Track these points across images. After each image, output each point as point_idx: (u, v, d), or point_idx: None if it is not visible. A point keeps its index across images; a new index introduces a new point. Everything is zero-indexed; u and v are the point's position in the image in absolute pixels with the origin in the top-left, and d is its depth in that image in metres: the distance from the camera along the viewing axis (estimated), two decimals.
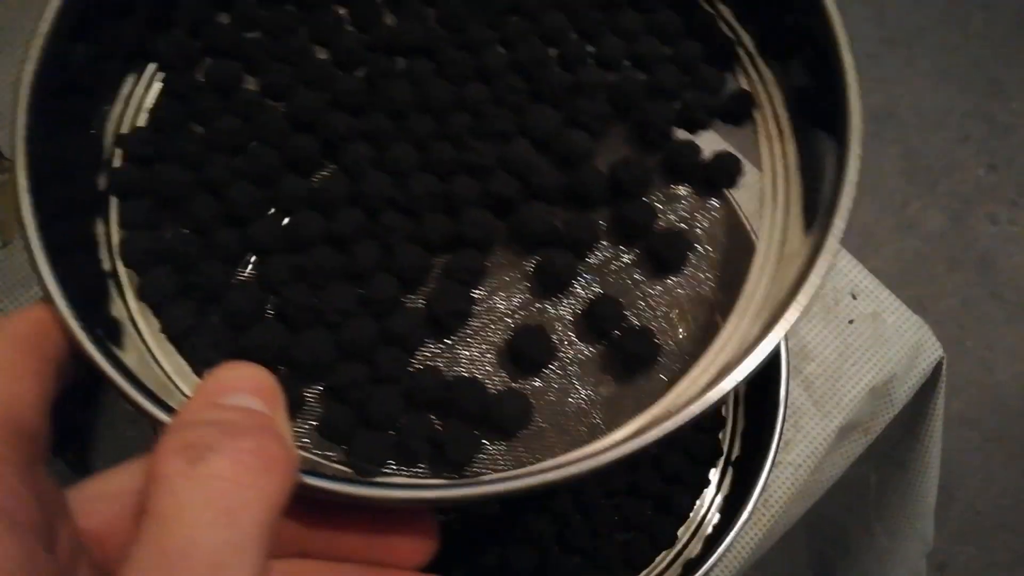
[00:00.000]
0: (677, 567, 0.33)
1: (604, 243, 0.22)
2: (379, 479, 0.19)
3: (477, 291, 0.21)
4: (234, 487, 0.15)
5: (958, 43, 1.42)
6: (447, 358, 0.20)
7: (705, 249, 0.22)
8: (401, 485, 0.18)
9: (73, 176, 0.21)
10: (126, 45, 0.22)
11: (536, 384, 0.20)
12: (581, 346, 0.21)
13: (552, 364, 0.20)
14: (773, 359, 0.34)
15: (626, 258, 0.21)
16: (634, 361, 0.20)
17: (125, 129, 0.22)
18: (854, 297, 0.42)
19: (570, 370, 0.20)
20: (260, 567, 0.14)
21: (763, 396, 0.35)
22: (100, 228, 0.21)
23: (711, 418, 0.36)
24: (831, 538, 0.54)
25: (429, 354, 0.20)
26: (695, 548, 0.34)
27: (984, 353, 1.18)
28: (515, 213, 0.21)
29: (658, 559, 0.33)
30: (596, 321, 0.20)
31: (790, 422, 0.40)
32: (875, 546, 0.51)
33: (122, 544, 0.16)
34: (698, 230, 0.22)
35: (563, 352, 0.21)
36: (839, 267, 0.43)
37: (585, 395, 0.20)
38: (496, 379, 0.20)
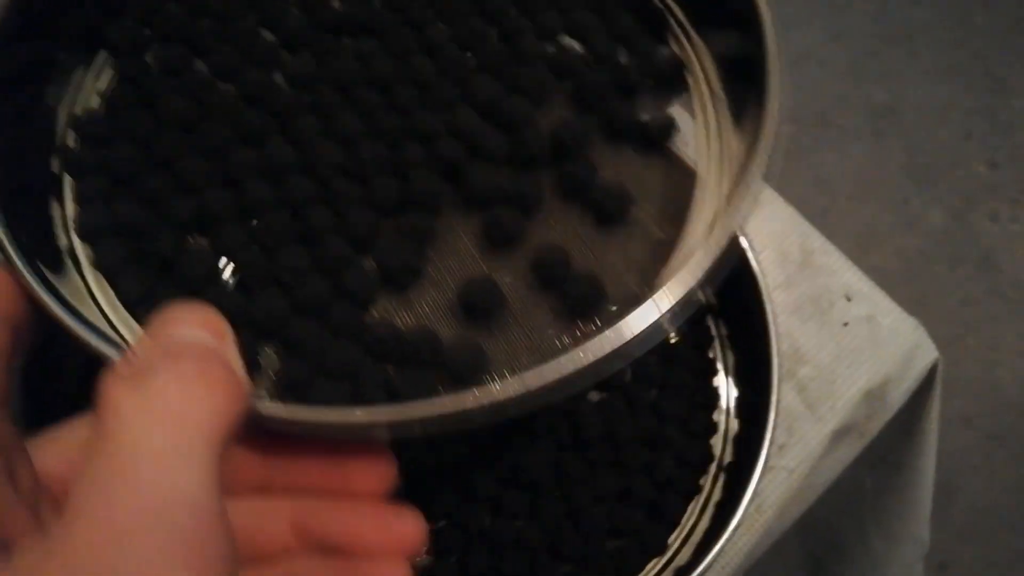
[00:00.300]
0: (668, 574, 0.33)
1: (550, 202, 0.22)
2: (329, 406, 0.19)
3: (430, 251, 0.22)
4: (177, 401, 0.15)
5: (960, 39, 1.41)
6: (403, 315, 0.21)
7: (648, 199, 0.23)
8: (348, 407, 0.18)
9: (26, 159, 0.22)
10: (77, 34, 0.23)
11: (490, 333, 0.21)
12: (532, 295, 0.21)
13: (504, 314, 0.21)
14: (764, 359, 0.33)
15: (572, 214, 0.22)
16: (582, 304, 0.20)
17: (78, 113, 0.23)
18: (848, 299, 0.42)
19: (521, 319, 0.21)
20: (210, 484, 0.15)
21: (755, 401, 0.34)
22: (56, 209, 0.22)
23: (703, 424, 0.35)
24: (826, 542, 0.53)
25: (384, 311, 0.21)
26: (685, 555, 0.33)
27: (985, 351, 1.18)
28: (462, 175, 0.21)
29: (648, 566, 0.33)
30: (544, 270, 0.21)
31: (784, 426, 0.40)
32: (871, 550, 0.50)
33: None
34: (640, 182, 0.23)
35: (514, 302, 0.21)
36: (833, 268, 0.43)
37: (538, 341, 0.20)
38: (450, 329, 0.21)
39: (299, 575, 0.20)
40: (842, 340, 0.41)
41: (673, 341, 0.38)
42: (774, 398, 0.33)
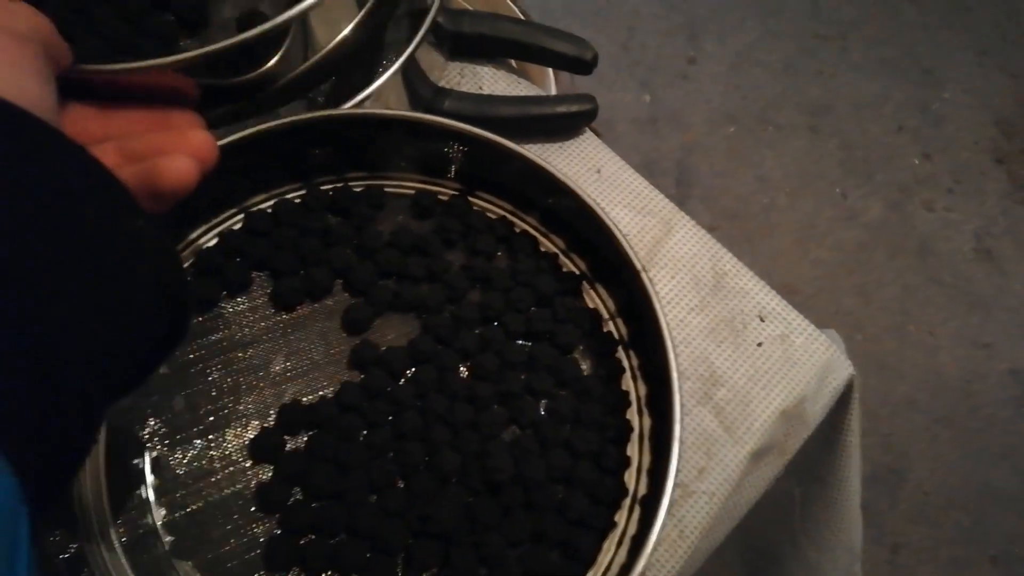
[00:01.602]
0: None
1: None
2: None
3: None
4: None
5: (891, 34, 1.44)
6: None
7: None
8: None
9: None
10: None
11: None
12: None
13: None
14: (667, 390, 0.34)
15: None
16: None
17: None
18: (762, 319, 0.43)
19: None
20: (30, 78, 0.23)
21: (667, 431, 0.34)
22: None
23: (615, 459, 0.35)
24: (762, 554, 0.54)
25: None
26: None
27: (926, 337, 1.21)
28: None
29: None
30: None
31: (702, 450, 0.40)
32: (803, 559, 0.51)
33: None
34: None
35: None
36: (745, 290, 0.43)
37: None
38: None
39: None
40: (756, 361, 0.42)
41: (586, 374, 0.38)
42: (677, 431, 0.33)
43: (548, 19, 0.47)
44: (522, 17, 0.59)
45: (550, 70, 0.53)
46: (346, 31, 0.36)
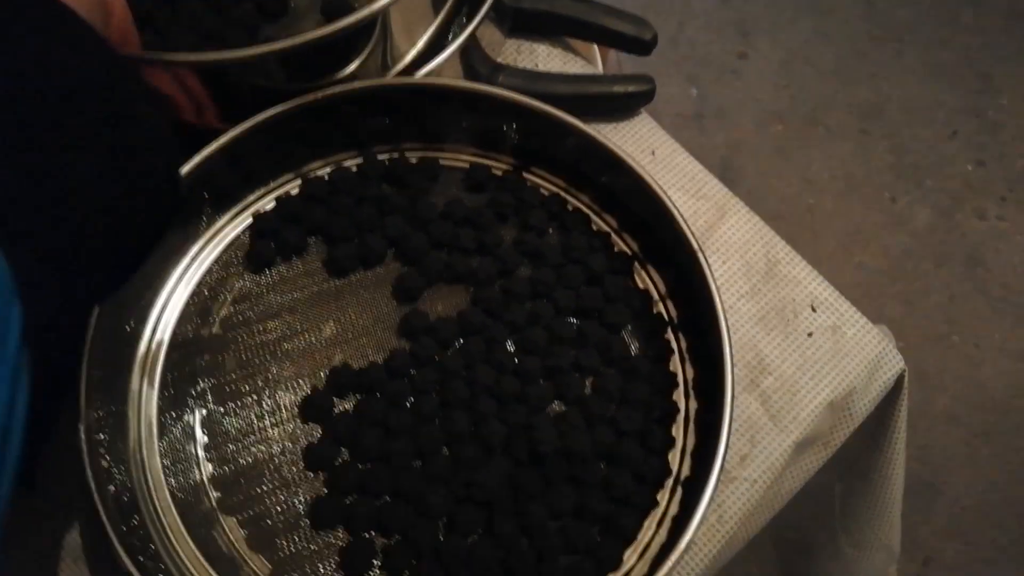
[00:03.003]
0: None
1: None
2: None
3: None
4: None
5: (947, 38, 1.41)
6: None
7: None
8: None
9: None
10: None
11: None
12: None
13: None
14: (718, 373, 0.33)
15: None
16: None
17: None
18: (814, 309, 0.42)
19: None
20: None
21: (713, 414, 0.34)
22: None
23: (660, 439, 0.35)
24: (797, 546, 0.53)
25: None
26: (641, 570, 0.33)
27: (971, 349, 1.18)
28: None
29: None
30: None
31: (746, 437, 0.40)
32: (840, 556, 0.50)
33: None
34: None
35: None
36: (798, 279, 0.42)
37: None
38: None
39: None
40: (806, 351, 0.41)
41: (634, 354, 0.38)
42: (727, 413, 0.32)
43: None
44: None
45: (597, 51, 0.52)
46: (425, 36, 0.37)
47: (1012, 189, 1.29)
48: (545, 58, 0.48)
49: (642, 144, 0.46)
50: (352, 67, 0.37)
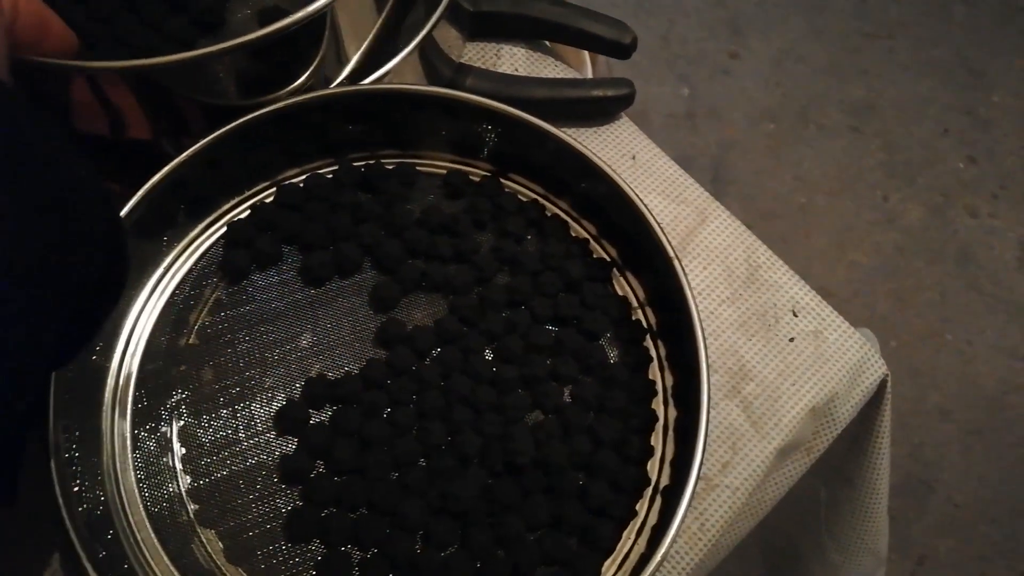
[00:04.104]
0: None
1: None
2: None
3: None
4: None
5: (939, 35, 1.41)
6: None
7: None
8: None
9: None
10: None
11: None
12: None
13: None
14: (695, 381, 0.33)
15: None
16: None
17: None
18: (795, 315, 0.42)
19: None
20: None
21: (693, 423, 0.34)
22: None
23: (639, 448, 0.35)
24: (783, 551, 0.53)
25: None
26: None
27: (963, 346, 1.18)
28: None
29: None
30: None
31: (728, 444, 0.39)
32: (826, 561, 0.50)
33: None
34: None
35: None
36: (779, 283, 0.42)
37: None
38: None
39: None
40: (788, 356, 0.41)
41: (612, 362, 0.37)
42: (703, 421, 0.32)
43: (589, 6, 0.47)
44: None
45: (586, 54, 0.52)
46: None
47: (1004, 186, 1.29)
48: (523, 61, 0.47)
49: (623, 148, 0.45)
50: (305, 75, 0.36)
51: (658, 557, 0.30)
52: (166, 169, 0.34)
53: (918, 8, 1.44)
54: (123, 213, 0.34)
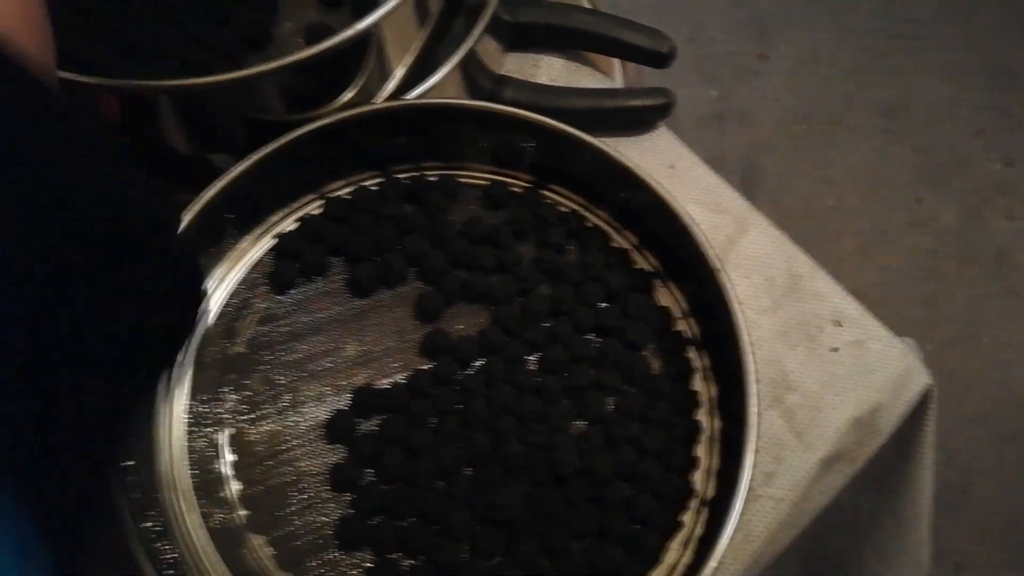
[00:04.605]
0: None
1: None
2: None
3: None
4: None
5: (970, 35, 1.38)
6: None
7: None
8: None
9: None
10: None
11: None
12: None
13: None
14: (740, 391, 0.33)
15: None
16: None
17: None
18: (838, 324, 0.41)
19: None
20: None
21: (739, 434, 0.34)
22: None
23: (683, 459, 0.35)
24: (824, 560, 0.53)
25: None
26: None
27: (999, 351, 1.16)
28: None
29: None
30: None
31: (771, 454, 0.39)
32: (868, 571, 0.50)
33: None
34: None
35: None
36: (821, 293, 0.42)
37: None
38: None
39: None
40: (830, 366, 0.41)
41: (655, 372, 0.37)
42: (752, 432, 0.32)
43: (615, 10, 0.47)
44: (590, 7, 0.58)
45: (617, 62, 0.52)
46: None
47: None
48: (561, 71, 0.48)
49: (661, 158, 0.46)
50: (352, 91, 0.37)
51: (708, 570, 0.31)
52: (221, 183, 0.35)
53: (944, 10, 1.42)
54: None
